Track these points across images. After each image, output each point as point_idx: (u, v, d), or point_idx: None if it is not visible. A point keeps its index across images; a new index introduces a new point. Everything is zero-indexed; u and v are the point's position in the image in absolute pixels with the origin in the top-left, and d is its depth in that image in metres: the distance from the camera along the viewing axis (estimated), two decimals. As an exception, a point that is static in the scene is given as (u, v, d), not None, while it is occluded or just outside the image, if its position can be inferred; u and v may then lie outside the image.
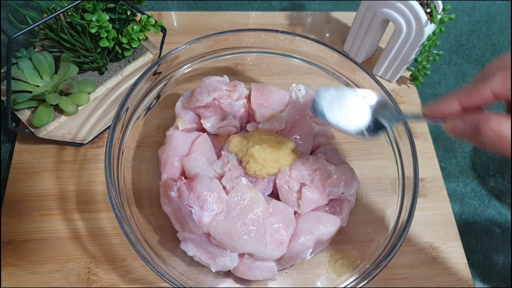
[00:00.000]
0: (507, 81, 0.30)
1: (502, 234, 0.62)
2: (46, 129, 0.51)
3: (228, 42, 0.56)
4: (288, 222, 0.48)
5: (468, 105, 0.33)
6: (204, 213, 0.46)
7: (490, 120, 0.30)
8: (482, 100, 0.32)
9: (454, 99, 0.34)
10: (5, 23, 0.72)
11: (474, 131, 0.31)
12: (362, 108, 0.41)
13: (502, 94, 0.31)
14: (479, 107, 0.33)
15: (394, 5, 0.61)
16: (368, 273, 0.43)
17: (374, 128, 0.41)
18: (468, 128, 0.32)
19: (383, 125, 0.41)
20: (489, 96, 0.31)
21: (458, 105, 0.33)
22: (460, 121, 0.33)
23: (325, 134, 0.58)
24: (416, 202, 0.45)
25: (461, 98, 0.33)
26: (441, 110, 0.35)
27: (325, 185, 0.50)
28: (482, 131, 0.30)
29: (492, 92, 0.31)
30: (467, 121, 0.32)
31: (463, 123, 0.32)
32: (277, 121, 0.53)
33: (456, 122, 0.33)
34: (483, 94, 0.32)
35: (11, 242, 0.53)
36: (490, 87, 0.31)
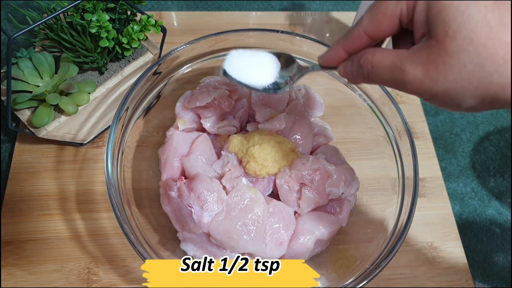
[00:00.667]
0: (372, 20, 0.32)
1: (502, 234, 0.62)
2: (46, 129, 0.51)
3: (228, 42, 0.56)
4: (288, 222, 0.48)
5: (350, 49, 0.34)
6: (204, 213, 0.46)
7: (367, 52, 0.32)
8: (360, 42, 0.33)
9: (339, 46, 0.35)
10: (5, 23, 0.72)
11: (358, 67, 0.33)
12: (271, 66, 0.43)
13: (371, 33, 0.32)
14: (361, 49, 0.34)
15: (394, 5, 0.61)
16: (368, 273, 0.43)
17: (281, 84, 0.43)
18: (354, 66, 0.34)
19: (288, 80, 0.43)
20: (363, 37, 0.33)
21: (343, 51, 0.35)
22: (349, 61, 0.35)
23: (325, 134, 0.58)
24: (416, 202, 0.45)
25: (343, 44, 0.35)
26: (331, 58, 0.36)
27: (325, 185, 0.50)
28: (361, 64, 0.33)
29: (364, 32, 0.32)
30: (353, 60, 0.34)
31: (351, 63, 0.34)
32: (277, 121, 0.53)
33: (347, 64, 0.35)
34: (358, 36, 0.33)
35: (11, 242, 0.53)
36: (361, 28, 0.32)
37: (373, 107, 0.55)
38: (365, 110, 0.56)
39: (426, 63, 0.28)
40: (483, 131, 0.71)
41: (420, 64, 0.29)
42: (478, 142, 0.70)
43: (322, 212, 0.51)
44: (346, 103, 0.59)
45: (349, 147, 0.60)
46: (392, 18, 0.31)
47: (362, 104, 0.56)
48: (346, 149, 0.58)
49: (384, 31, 0.32)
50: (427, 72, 0.28)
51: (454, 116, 0.72)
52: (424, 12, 0.29)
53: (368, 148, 0.58)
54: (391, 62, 0.30)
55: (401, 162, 0.50)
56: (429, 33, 0.29)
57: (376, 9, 0.32)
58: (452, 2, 0.27)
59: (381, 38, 0.33)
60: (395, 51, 0.31)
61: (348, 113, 0.60)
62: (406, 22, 0.31)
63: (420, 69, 0.29)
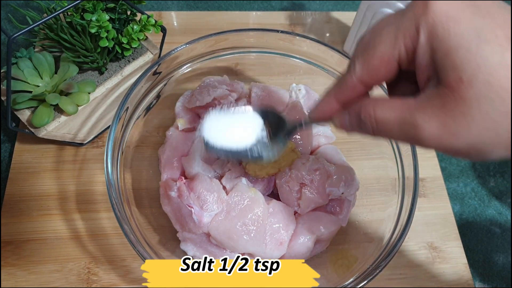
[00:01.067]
0: (366, 66, 0.28)
1: (502, 234, 0.62)
2: (46, 129, 0.51)
3: (228, 42, 0.56)
4: (288, 222, 0.48)
5: (344, 100, 0.31)
6: (204, 213, 0.46)
7: (367, 106, 0.28)
8: (355, 91, 0.30)
9: (331, 97, 0.32)
10: (5, 23, 0.72)
11: (358, 122, 0.29)
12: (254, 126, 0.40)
13: (367, 81, 0.29)
14: (357, 98, 0.30)
15: (394, 5, 0.61)
16: (368, 273, 0.43)
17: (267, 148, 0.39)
18: (354, 119, 0.30)
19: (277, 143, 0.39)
20: (359, 86, 0.29)
21: (336, 102, 0.31)
22: (346, 114, 0.31)
23: (325, 134, 0.58)
24: (416, 202, 0.45)
25: (335, 94, 0.31)
26: (323, 112, 0.33)
27: (325, 185, 0.50)
28: (363, 120, 0.29)
29: (359, 81, 0.29)
30: (351, 112, 0.30)
31: (349, 115, 0.30)
32: (277, 121, 0.53)
33: (343, 116, 0.31)
34: (352, 85, 0.29)
35: (11, 242, 0.53)
36: (355, 77, 0.29)
37: (373, 107, 0.55)
38: (365, 110, 0.56)
39: (442, 115, 0.24)
40: (483, 131, 0.71)
41: (434, 117, 0.24)
42: (478, 142, 0.70)
43: (322, 212, 0.51)
44: (346, 103, 0.59)
45: (349, 147, 0.60)
46: (390, 62, 0.27)
47: (362, 104, 0.56)
48: (346, 149, 0.58)
49: (381, 77, 0.28)
50: (445, 126, 0.24)
51: (454, 116, 0.72)
52: (428, 54, 0.25)
53: (368, 148, 0.58)
54: (399, 116, 0.26)
55: (401, 162, 0.50)
56: (437, 78, 0.25)
57: (369, 53, 0.28)
58: (460, 42, 0.23)
59: (378, 84, 0.30)
60: (400, 102, 0.27)
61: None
62: (406, 64, 0.27)
63: (436, 123, 0.24)
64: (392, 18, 0.28)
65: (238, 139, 0.39)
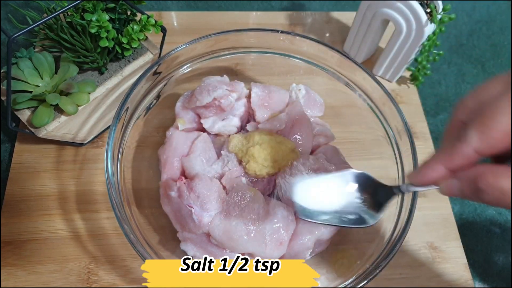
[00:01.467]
0: (484, 137, 0.27)
1: (502, 234, 0.62)
2: (46, 129, 0.51)
3: (228, 42, 0.56)
4: (288, 222, 0.48)
5: (454, 168, 0.30)
6: (204, 213, 0.46)
7: (488, 175, 0.27)
8: (468, 161, 0.29)
9: (437, 163, 0.31)
10: (5, 23, 0.72)
11: (474, 190, 0.28)
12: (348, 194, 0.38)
13: (484, 152, 0.28)
14: (468, 166, 0.29)
15: (394, 5, 0.61)
16: (368, 273, 0.43)
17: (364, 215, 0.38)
18: (466, 187, 0.29)
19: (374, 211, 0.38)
20: (473, 156, 0.28)
21: (443, 168, 0.30)
22: (456, 180, 0.30)
23: (325, 134, 0.58)
24: (416, 202, 0.45)
25: (444, 161, 0.30)
26: (427, 177, 0.32)
27: (325, 185, 0.50)
28: (483, 189, 0.28)
29: (475, 151, 0.28)
30: (463, 179, 0.29)
31: (460, 182, 0.30)
32: (277, 121, 0.53)
33: (452, 183, 0.30)
34: (466, 155, 0.29)
35: (11, 242, 0.53)
36: (471, 147, 0.28)
37: (373, 107, 0.55)
38: (365, 110, 0.56)
39: None
40: (483, 131, 0.71)
41: None
42: (478, 142, 0.70)
43: (322, 212, 0.51)
44: (346, 103, 0.59)
45: (349, 147, 0.60)
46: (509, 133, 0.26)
47: (362, 104, 0.56)
48: (346, 149, 0.58)
49: (500, 148, 0.27)
50: None
51: (454, 116, 0.72)
52: None
53: (368, 148, 0.58)
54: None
55: (401, 162, 0.50)
56: None
57: (489, 124, 0.27)
58: None
59: (494, 154, 0.28)
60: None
61: (348, 113, 0.60)
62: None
63: None
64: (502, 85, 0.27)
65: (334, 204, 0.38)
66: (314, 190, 0.39)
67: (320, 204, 0.39)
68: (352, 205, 0.39)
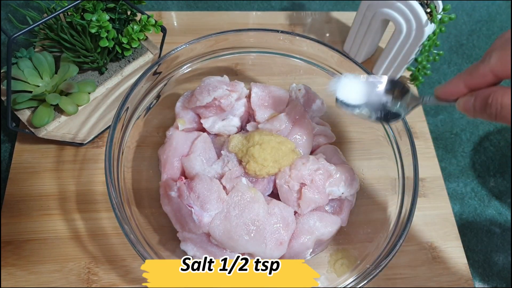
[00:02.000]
0: (502, 59, 0.32)
1: (502, 234, 0.62)
2: (46, 129, 0.51)
3: (228, 42, 0.56)
4: (288, 222, 0.48)
5: (472, 86, 0.34)
6: (204, 213, 0.46)
7: (497, 93, 0.32)
8: (485, 80, 0.33)
9: (460, 80, 0.35)
10: (5, 23, 0.72)
11: (483, 105, 0.33)
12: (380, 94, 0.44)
13: (499, 73, 0.32)
14: (484, 86, 0.34)
15: (394, 5, 0.61)
16: (368, 273, 0.43)
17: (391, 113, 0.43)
18: (478, 103, 0.34)
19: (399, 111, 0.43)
20: (489, 76, 0.33)
21: (464, 86, 0.35)
22: (471, 97, 0.34)
23: (325, 134, 0.58)
24: (416, 202, 0.45)
25: (465, 79, 0.35)
26: (450, 91, 0.36)
27: (325, 185, 0.50)
28: (490, 103, 0.32)
29: (491, 71, 0.33)
30: (478, 96, 0.34)
31: (474, 99, 0.34)
32: (277, 121, 0.53)
33: (468, 99, 0.35)
34: (483, 74, 0.33)
35: (11, 242, 0.53)
36: (488, 67, 0.32)
37: (373, 107, 0.55)
38: (365, 110, 0.56)
39: None
40: (483, 131, 0.71)
41: None
42: (478, 142, 0.70)
43: (322, 212, 0.51)
44: (346, 103, 0.59)
45: (349, 147, 0.60)
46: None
47: (362, 104, 0.56)
48: (346, 149, 0.58)
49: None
50: None
51: (454, 116, 0.72)
52: None
53: (368, 148, 0.58)
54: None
55: (401, 162, 0.50)
56: None
57: (506, 50, 0.31)
58: None
59: (507, 78, 0.33)
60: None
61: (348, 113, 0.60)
62: None
63: None
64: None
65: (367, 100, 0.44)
66: (352, 86, 0.44)
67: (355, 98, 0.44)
68: (381, 104, 0.44)
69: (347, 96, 0.44)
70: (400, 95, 0.43)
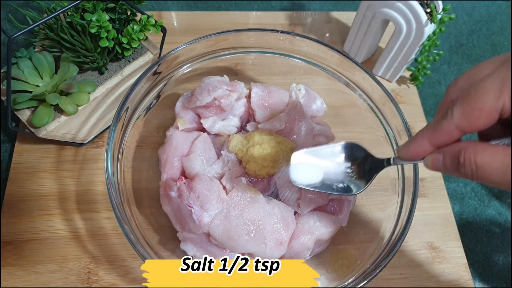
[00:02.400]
0: (466, 114, 0.29)
1: (502, 234, 0.62)
2: (46, 129, 0.51)
3: (228, 42, 0.56)
4: (288, 222, 0.48)
5: (438, 144, 0.32)
6: (204, 213, 0.46)
7: (466, 150, 0.29)
8: (450, 137, 0.31)
9: (423, 139, 0.32)
10: (5, 23, 0.72)
11: (455, 164, 0.30)
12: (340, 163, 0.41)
13: (466, 128, 0.29)
14: (451, 142, 0.31)
15: (394, 5, 0.61)
16: (368, 273, 0.43)
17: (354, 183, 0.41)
18: (448, 161, 0.31)
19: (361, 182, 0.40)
20: (455, 132, 0.30)
21: (429, 144, 0.32)
22: (439, 155, 0.32)
23: (325, 134, 0.58)
24: (416, 202, 0.45)
25: (430, 137, 0.32)
26: (414, 151, 0.34)
27: (325, 185, 0.50)
28: (461, 162, 0.30)
29: (456, 127, 0.30)
30: (447, 154, 0.31)
31: (443, 156, 0.31)
32: (277, 121, 0.53)
33: (436, 156, 0.32)
34: (448, 131, 0.30)
35: (11, 242, 0.53)
36: (452, 123, 0.30)
37: (373, 107, 0.55)
38: (365, 110, 0.56)
39: None
40: (483, 131, 0.71)
41: None
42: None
43: (322, 212, 0.51)
44: (346, 103, 0.59)
45: (349, 147, 0.60)
46: (491, 113, 0.28)
47: (362, 104, 0.56)
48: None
49: (481, 126, 0.29)
50: None
51: (454, 116, 0.72)
52: None
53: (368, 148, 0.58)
54: (503, 163, 0.27)
55: (401, 162, 0.50)
56: None
57: (471, 103, 0.28)
58: None
59: (475, 131, 0.30)
60: (503, 149, 0.28)
61: (348, 113, 0.60)
62: (508, 116, 0.28)
63: None
64: (492, 67, 0.29)
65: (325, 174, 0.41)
66: (307, 159, 0.42)
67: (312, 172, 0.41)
68: (342, 174, 0.41)
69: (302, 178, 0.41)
70: (363, 161, 0.41)
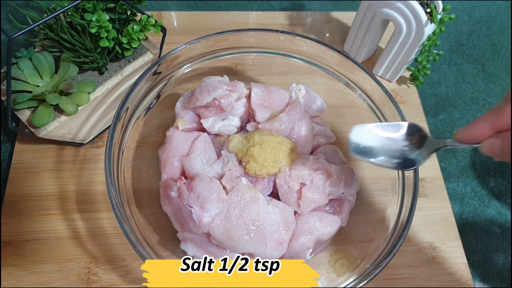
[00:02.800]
0: None
1: (502, 234, 0.62)
2: (46, 129, 0.51)
3: (228, 42, 0.56)
4: (288, 222, 0.48)
5: (499, 126, 0.32)
6: (204, 213, 0.46)
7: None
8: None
9: (484, 121, 0.33)
10: (5, 23, 0.72)
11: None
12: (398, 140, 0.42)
13: None
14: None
15: (394, 5, 0.61)
16: (368, 273, 0.43)
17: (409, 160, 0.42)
18: (506, 145, 0.31)
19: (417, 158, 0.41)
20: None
21: (489, 127, 0.32)
22: (498, 139, 0.32)
23: (325, 134, 0.58)
24: (416, 202, 0.45)
25: (491, 120, 0.32)
26: (473, 134, 0.34)
27: (325, 185, 0.50)
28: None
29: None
30: (505, 138, 0.31)
31: (502, 141, 0.31)
32: (277, 121, 0.53)
33: (494, 141, 0.32)
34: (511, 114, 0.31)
35: (11, 242, 0.53)
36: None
37: (373, 107, 0.55)
38: (365, 110, 0.56)
39: None
40: (483, 131, 0.71)
41: None
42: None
43: (322, 212, 0.51)
44: (346, 103, 0.59)
45: (349, 147, 0.60)
46: None
47: (362, 104, 0.56)
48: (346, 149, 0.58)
49: None
50: None
51: (454, 116, 0.72)
52: None
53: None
54: None
55: (401, 162, 0.50)
56: None
57: None
58: None
59: None
60: None
61: (348, 113, 0.60)
62: None
63: None
64: None
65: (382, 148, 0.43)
66: (368, 133, 0.43)
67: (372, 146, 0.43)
68: (398, 151, 0.42)
69: (360, 146, 0.42)
70: (419, 141, 0.41)
